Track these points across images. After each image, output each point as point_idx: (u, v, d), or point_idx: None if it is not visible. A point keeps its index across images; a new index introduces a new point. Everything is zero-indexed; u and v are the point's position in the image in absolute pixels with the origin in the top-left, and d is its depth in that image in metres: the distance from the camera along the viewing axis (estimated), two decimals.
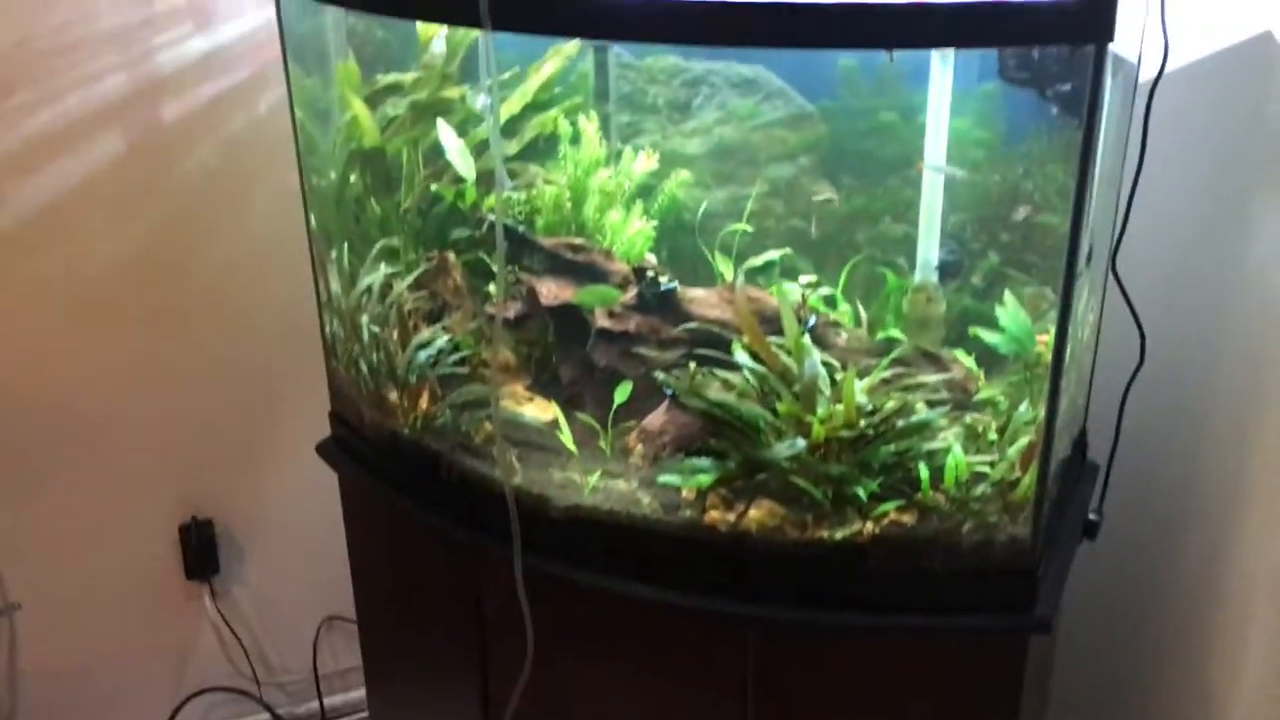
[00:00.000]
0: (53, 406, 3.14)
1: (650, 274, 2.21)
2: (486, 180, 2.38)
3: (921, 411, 2.01)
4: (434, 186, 2.37)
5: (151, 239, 3.06)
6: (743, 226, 2.37)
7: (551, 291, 2.29)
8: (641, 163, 2.41)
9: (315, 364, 2.61)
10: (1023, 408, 2.04)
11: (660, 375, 2.11)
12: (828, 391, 2.05)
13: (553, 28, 1.90)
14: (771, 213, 2.50)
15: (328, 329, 2.35)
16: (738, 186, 2.52)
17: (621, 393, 2.25)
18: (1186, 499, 2.59)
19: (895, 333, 2.27)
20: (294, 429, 2.79)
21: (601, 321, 2.21)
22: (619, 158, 2.43)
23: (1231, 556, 2.45)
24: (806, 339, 2.04)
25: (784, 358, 2.09)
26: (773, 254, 2.37)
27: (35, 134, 2.95)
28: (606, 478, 2.17)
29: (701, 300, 2.28)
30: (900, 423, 1.96)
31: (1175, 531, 2.64)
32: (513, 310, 2.32)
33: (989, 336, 2.12)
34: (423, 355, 2.25)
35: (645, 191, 2.48)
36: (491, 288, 2.30)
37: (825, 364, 2.10)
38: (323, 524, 2.83)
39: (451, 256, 2.49)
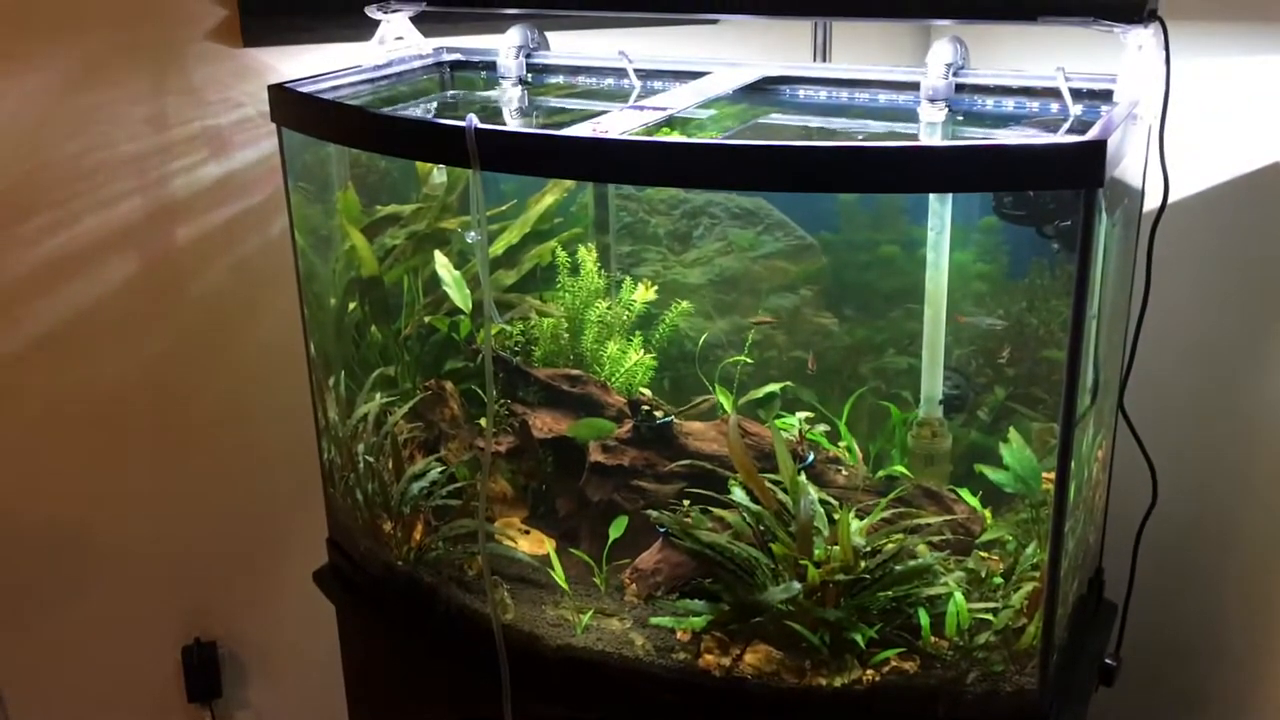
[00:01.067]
0: (57, 526, 3.11)
1: (645, 408, 2.16)
2: (482, 311, 2.35)
3: (924, 554, 1.93)
4: (428, 318, 2.34)
5: (161, 361, 3.06)
6: (743, 358, 2.32)
7: (545, 424, 2.24)
8: (640, 294, 2.37)
9: (320, 489, 2.57)
10: (1029, 549, 1.96)
11: (653, 513, 2.05)
12: (826, 531, 1.97)
13: (540, 169, 1.89)
14: (773, 343, 2.45)
15: (325, 456, 2.30)
16: (739, 316, 2.48)
17: (616, 528, 2.19)
18: (1209, 639, 2.47)
19: (900, 469, 2.20)
20: (299, 552, 2.73)
21: (595, 455, 2.16)
22: (619, 288, 2.40)
23: (1259, 699, 2.32)
24: (802, 476, 1.97)
25: (780, 495, 2.02)
26: (773, 386, 2.31)
27: (52, 256, 2.97)
28: (599, 616, 2.09)
29: (699, 434, 2.23)
30: (899, 567, 1.89)
31: (1199, 674, 2.52)
32: (505, 444, 2.27)
33: (993, 474, 2.05)
34: (416, 487, 2.20)
35: (646, 321, 2.44)
36: (484, 420, 2.25)
37: (824, 503, 2.04)
38: (328, 648, 2.76)
39: (449, 386, 2.46)
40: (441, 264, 2.30)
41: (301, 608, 3.15)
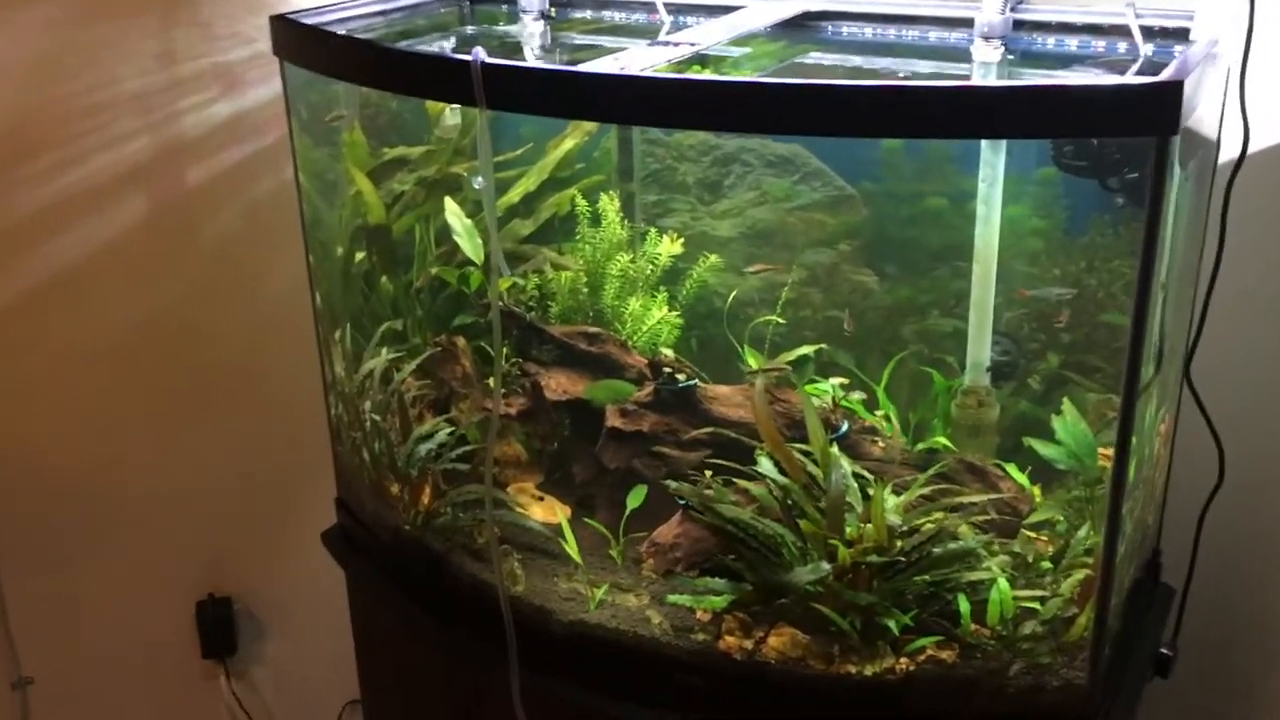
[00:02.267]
0: (71, 478, 3.03)
1: (667, 370, 2.01)
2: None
3: (966, 536, 1.77)
4: (435, 269, 2.20)
5: (173, 306, 2.95)
6: (774, 318, 2.15)
7: (560, 385, 2.10)
8: (665, 246, 2.21)
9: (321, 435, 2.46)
10: (1081, 531, 1.80)
11: (673, 484, 1.90)
12: (859, 508, 1.82)
13: (553, 109, 1.73)
14: (808, 302, 2.28)
15: (332, 412, 2.17)
16: (775, 273, 2.31)
17: (634, 498, 2.05)
18: (1274, 629, 2.30)
19: (942, 440, 2.03)
20: (313, 509, 2.62)
21: (613, 420, 2.01)
22: (643, 240, 2.23)
23: None
24: (835, 447, 1.81)
25: (810, 467, 1.86)
26: (806, 349, 2.14)
27: (60, 195, 2.86)
28: (615, 591, 1.96)
29: (724, 399, 2.07)
30: (938, 549, 1.73)
31: (1262, 666, 2.34)
32: (517, 405, 2.13)
33: (1044, 449, 1.88)
34: (424, 448, 2.07)
35: (672, 277, 2.28)
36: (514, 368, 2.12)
37: (858, 476, 1.88)
38: (343, 606, 2.65)
39: (461, 342, 2.32)
40: (452, 211, 2.15)
41: (317, 563, 3.04)
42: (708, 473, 1.92)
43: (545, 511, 2.22)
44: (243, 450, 3.05)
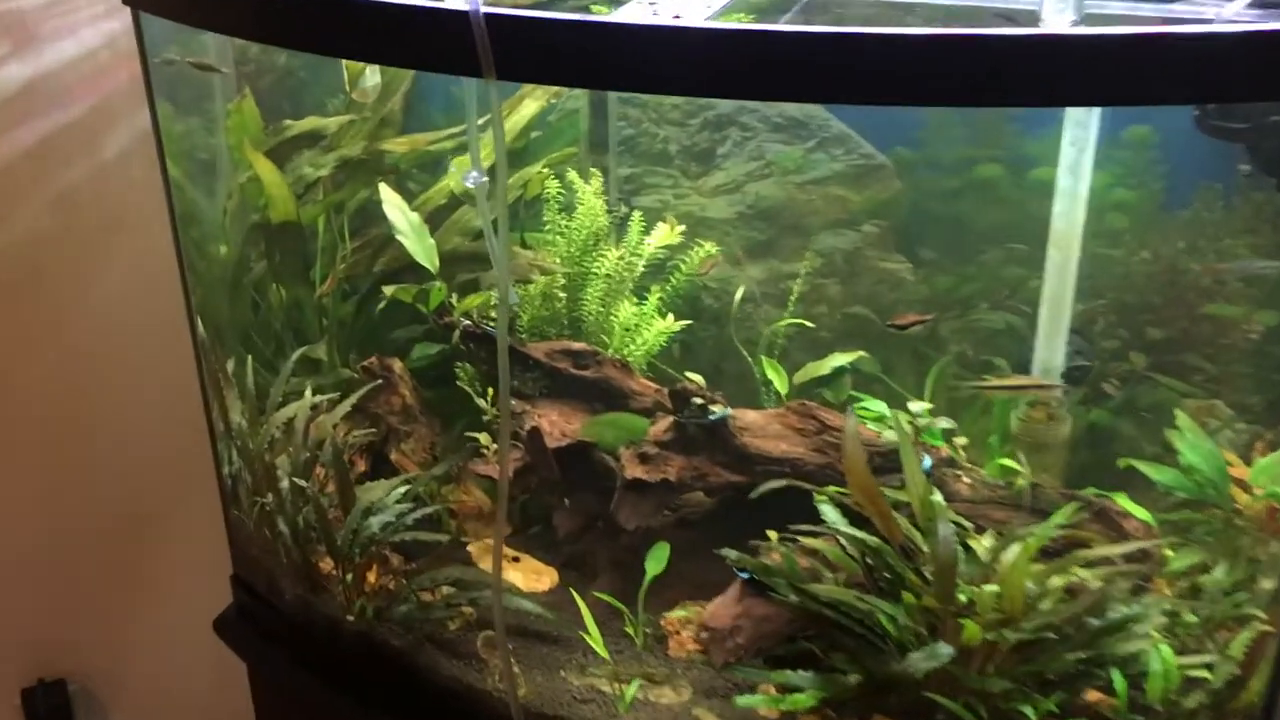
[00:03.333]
0: None
1: (698, 400, 1.58)
2: (451, 266, 1.70)
3: (1117, 597, 1.43)
4: (388, 288, 1.68)
5: None
6: (788, 319, 1.76)
7: (555, 425, 1.63)
8: (660, 234, 1.76)
9: (199, 494, 1.90)
10: (1220, 573, 1.49)
11: (731, 554, 1.49)
12: (968, 567, 1.45)
13: (570, 77, 1.26)
14: (822, 296, 1.89)
15: (225, 468, 1.63)
16: (778, 262, 1.90)
17: (655, 560, 1.63)
18: None
19: (1010, 463, 1.69)
20: (173, 571, 2.07)
21: (632, 469, 1.58)
22: (623, 227, 1.79)
23: None
24: (938, 495, 1.44)
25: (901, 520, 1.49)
26: (842, 357, 1.76)
27: None
28: (646, 685, 1.53)
29: (756, 429, 1.67)
30: (1095, 619, 1.38)
31: None
32: (491, 460, 1.66)
33: (1158, 474, 1.56)
34: (375, 523, 1.57)
35: (655, 271, 1.85)
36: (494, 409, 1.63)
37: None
38: (208, 682, 2.11)
39: (397, 366, 1.81)
40: (392, 204, 1.66)
41: (177, 635, 2.46)
42: (771, 534, 1.51)
43: (525, 576, 1.76)
44: (80, 506, 2.41)
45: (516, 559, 1.80)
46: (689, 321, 1.79)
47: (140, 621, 2.58)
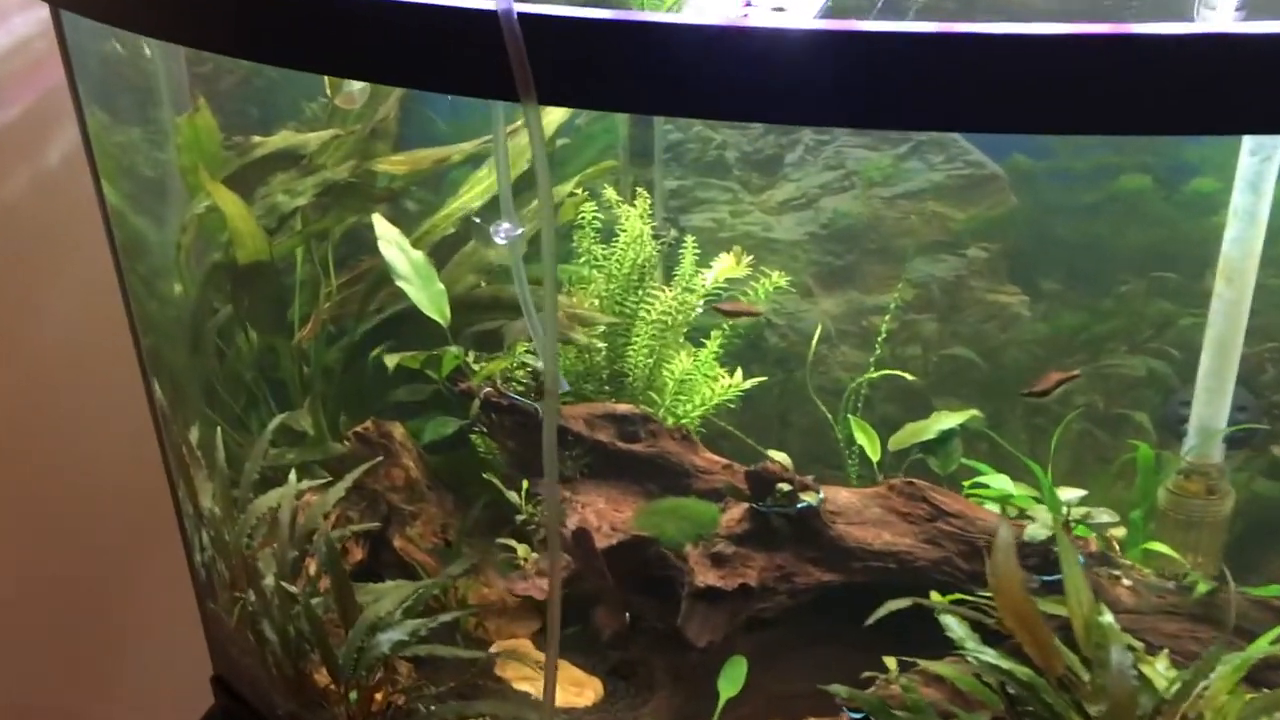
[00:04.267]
0: None
1: (785, 486, 1.25)
2: (465, 314, 1.37)
3: None
4: (391, 358, 1.34)
5: None
6: (890, 371, 1.44)
7: (602, 517, 1.31)
8: (724, 266, 1.43)
9: (169, 572, 1.57)
10: None
11: (840, 690, 1.17)
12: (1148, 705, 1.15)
13: (620, 101, 0.92)
14: (915, 334, 1.57)
15: (198, 555, 1.32)
16: (859, 294, 1.57)
17: (730, 681, 1.32)
18: None
19: (1160, 546, 1.38)
20: (142, 667, 1.74)
21: (703, 575, 1.26)
22: (674, 254, 1.46)
23: None
24: (1108, 616, 1.13)
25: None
26: (951, 417, 1.43)
27: None
28: None
29: (853, 513, 1.36)
30: None
31: None
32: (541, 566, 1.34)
33: None
34: (385, 640, 1.25)
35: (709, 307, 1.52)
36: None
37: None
38: None
39: (399, 431, 1.48)
40: (390, 241, 1.31)
41: None
42: (890, 663, 1.20)
43: (563, 690, 1.46)
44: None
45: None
46: (762, 378, 1.46)
47: None
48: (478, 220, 1.30)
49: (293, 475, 1.39)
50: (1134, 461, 1.47)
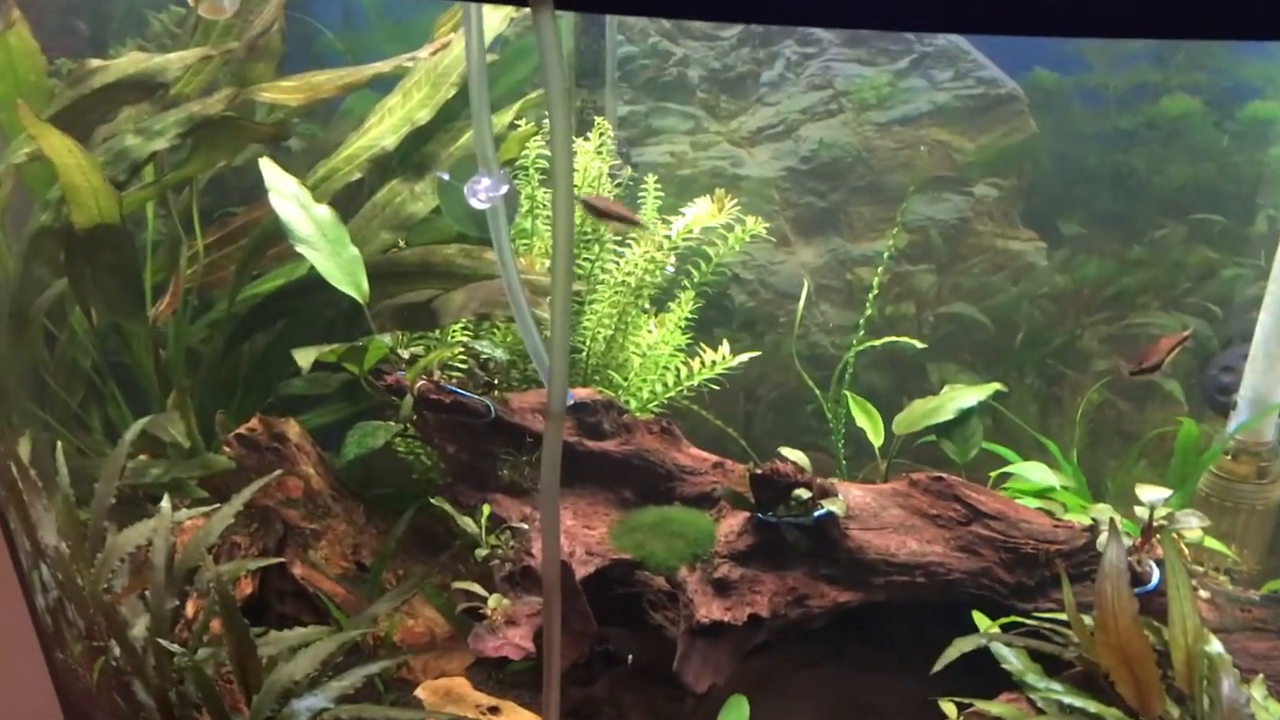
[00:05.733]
0: None
1: (802, 492, 1.03)
2: (384, 284, 1.08)
3: None
4: (318, 351, 1.05)
5: None
6: (897, 339, 1.22)
7: (573, 537, 1.06)
8: (700, 215, 1.18)
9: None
10: None
11: None
12: None
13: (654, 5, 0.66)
14: (909, 287, 1.35)
15: (40, 598, 1.02)
16: (844, 241, 1.35)
17: None
18: None
19: (1209, 541, 1.22)
20: None
21: (706, 608, 1.03)
22: (631, 198, 1.21)
23: None
24: (1216, 644, 0.96)
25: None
26: (969, 392, 1.23)
27: None
28: None
29: (869, 515, 1.15)
30: None
31: None
32: (507, 595, 1.08)
33: None
34: (304, 710, 0.99)
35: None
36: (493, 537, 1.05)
37: None
38: None
39: (294, 429, 1.19)
40: (286, 196, 1.01)
41: None
42: (951, 708, 1.00)
43: None
44: None
45: (494, 709, 1.23)
46: (755, 353, 1.21)
47: None
48: (444, 177, 1.00)
49: (165, 502, 1.08)
50: (1163, 438, 1.30)
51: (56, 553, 1.20)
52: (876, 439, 1.28)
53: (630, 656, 1.16)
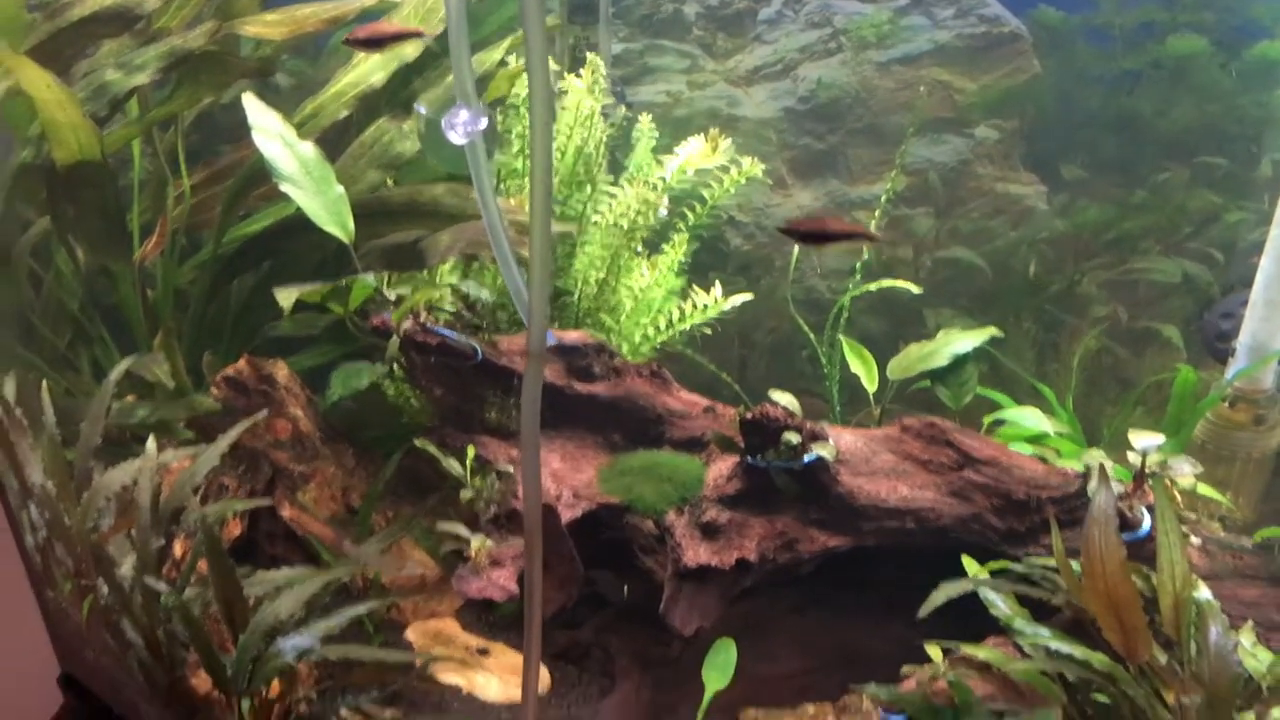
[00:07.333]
0: None
1: (792, 435, 1.03)
2: (371, 223, 1.08)
3: None
4: (282, 294, 1.05)
5: None
6: (893, 283, 1.22)
7: (560, 480, 1.06)
8: (693, 152, 1.18)
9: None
10: None
11: (881, 694, 0.98)
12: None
13: None
14: (907, 230, 1.35)
15: (29, 537, 1.03)
16: (842, 183, 1.34)
17: (720, 670, 1.11)
18: None
19: (1203, 488, 1.22)
20: None
21: (692, 551, 1.03)
22: (624, 138, 1.20)
23: None
24: (1205, 591, 0.97)
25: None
26: (967, 336, 1.23)
27: None
28: None
29: (860, 461, 1.15)
30: None
31: None
32: (491, 540, 1.09)
33: None
34: (289, 648, 1.00)
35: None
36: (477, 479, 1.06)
37: None
38: None
39: (282, 372, 1.20)
40: (269, 131, 1.00)
41: None
42: (934, 652, 1.01)
43: (502, 680, 1.24)
44: None
45: (483, 651, 1.25)
46: (747, 295, 1.21)
47: None
48: (422, 110, 0.99)
49: (151, 443, 1.08)
50: (1160, 385, 1.30)
51: (43, 491, 1.21)
52: (871, 384, 1.28)
53: (626, 589, 1.17)
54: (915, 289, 1.27)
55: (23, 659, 1.46)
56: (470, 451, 1.09)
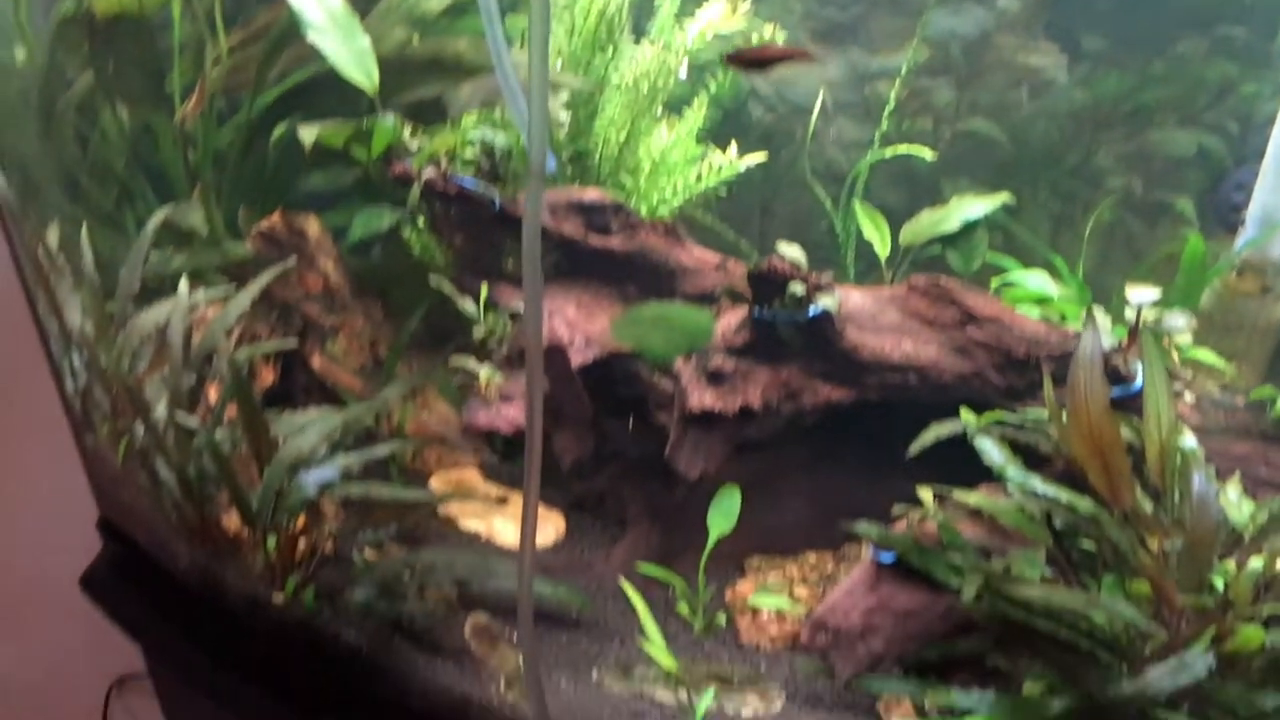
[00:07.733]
0: None
1: (797, 286, 1.07)
2: (398, 78, 1.12)
3: None
4: (305, 131, 1.09)
5: None
6: (909, 148, 1.24)
7: (574, 327, 1.11)
8: (714, 21, 1.20)
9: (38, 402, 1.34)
10: None
11: (865, 528, 1.02)
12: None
13: None
14: (926, 104, 1.37)
15: (70, 383, 1.10)
16: (864, 54, 1.36)
17: (722, 516, 1.16)
18: None
19: (1205, 354, 1.24)
20: (14, 510, 1.51)
21: (698, 397, 1.08)
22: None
23: None
24: (1190, 439, 0.99)
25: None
26: (978, 203, 1.25)
27: None
28: (725, 691, 1.11)
29: (866, 318, 1.18)
30: None
31: None
32: (506, 381, 1.14)
33: None
34: (310, 482, 1.05)
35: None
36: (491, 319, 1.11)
37: None
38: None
39: (314, 227, 1.24)
40: None
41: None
42: (927, 497, 1.05)
43: (515, 525, 1.30)
44: None
45: (502, 500, 1.31)
46: (761, 156, 1.24)
47: None
48: None
49: (183, 284, 1.14)
50: (1173, 255, 1.31)
51: (82, 334, 1.27)
52: (883, 250, 1.31)
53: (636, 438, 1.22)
54: (929, 154, 1.30)
55: (65, 504, 1.54)
56: (484, 289, 1.13)
